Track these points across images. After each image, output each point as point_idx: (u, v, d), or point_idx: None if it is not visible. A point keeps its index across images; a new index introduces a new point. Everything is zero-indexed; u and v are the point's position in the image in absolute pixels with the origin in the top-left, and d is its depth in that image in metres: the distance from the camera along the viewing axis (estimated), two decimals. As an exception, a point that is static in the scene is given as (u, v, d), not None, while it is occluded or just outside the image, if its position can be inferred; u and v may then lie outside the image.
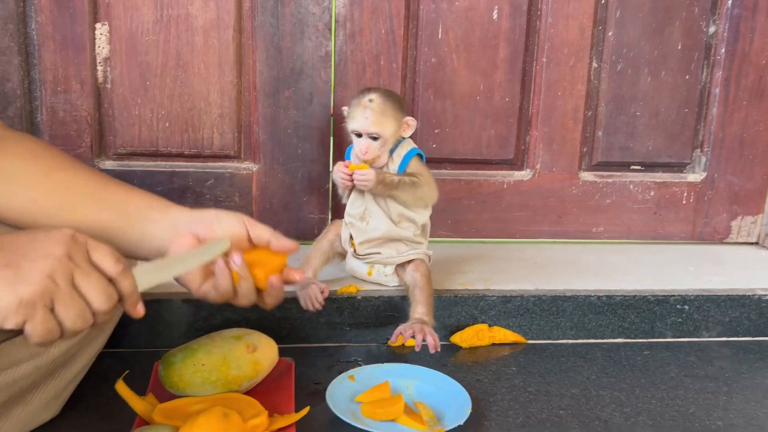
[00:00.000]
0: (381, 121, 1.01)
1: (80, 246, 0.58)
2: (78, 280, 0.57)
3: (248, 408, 0.79)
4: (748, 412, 0.92)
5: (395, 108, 1.03)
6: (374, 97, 1.02)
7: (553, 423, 0.86)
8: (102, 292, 0.58)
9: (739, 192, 1.47)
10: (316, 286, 1.03)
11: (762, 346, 1.14)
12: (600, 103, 1.39)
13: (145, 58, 1.23)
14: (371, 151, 1.02)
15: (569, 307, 1.12)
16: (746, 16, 1.38)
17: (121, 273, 0.59)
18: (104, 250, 0.59)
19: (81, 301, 0.57)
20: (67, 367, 0.80)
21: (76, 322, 0.57)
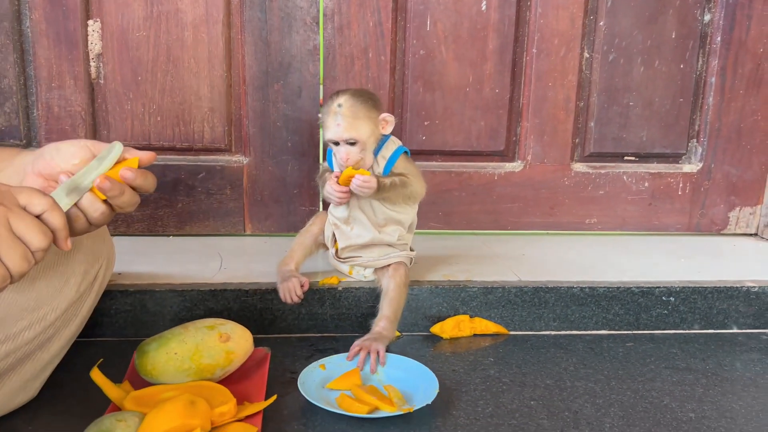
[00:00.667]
0: (354, 125, 0.97)
1: (6, 192, 0.62)
2: (14, 224, 0.61)
3: (217, 396, 0.81)
4: (723, 404, 0.91)
5: (368, 107, 0.98)
6: (343, 101, 0.97)
7: (522, 413, 0.87)
8: (38, 231, 0.62)
9: (737, 182, 1.45)
10: (296, 279, 1.04)
11: (749, 339, 1.13)
12: (592, 93, 1.38)
13: (136, 54, 1.26)
14: (352, 157, 0.99)
15: (551, 299, 1.12)
16: (743, 3, 1.36)
17: (49, 207, 0.64)
18: (28, 191, 0.64)
19: (21, 244, 0.61)
20: (43, 350, 0.82)
21: (22, 264, 0.61)
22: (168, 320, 1.05)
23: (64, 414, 0.83)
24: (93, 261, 0.90)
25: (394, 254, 1.07)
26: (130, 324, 1.05)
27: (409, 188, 1.05)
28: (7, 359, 0.78)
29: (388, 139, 1.05)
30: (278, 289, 1.03)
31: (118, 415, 0.74)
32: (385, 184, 1.01)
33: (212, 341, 0.86)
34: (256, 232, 1.37)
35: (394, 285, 1.03)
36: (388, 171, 1.04)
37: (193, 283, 1.08)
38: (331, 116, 0.98)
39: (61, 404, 0.85)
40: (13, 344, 0.78)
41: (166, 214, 1.33)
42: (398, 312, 1.03)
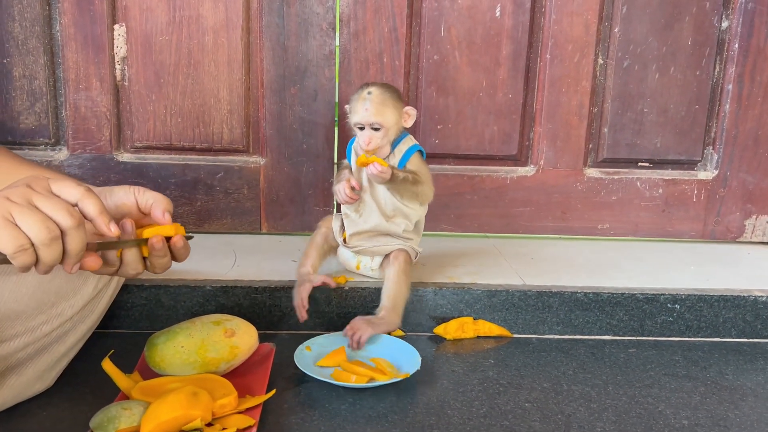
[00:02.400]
0: (381, 111, 1.03)
1: (40, 180, 0.63)
2: (36, 201, 0.60)
3: (220, 388, 0.85)
4: (718, 413, 0.92)
5: (394, 98, 1.05)
6: (373, 89, 1.04)
7: (515, 415, 0.89)
8: (61, 209, 0.60)
9: (754, 190, 1.44)
10: (309, 284, 1.07)
11: (754, 348, 1.13)
12: (606, 99, 1.39)
13: (159, 57, 1.31)
14: (374, 141, 1.05)
15: (555, 303, 1.13)
16: (761, 10, 1.35)
17: (82, 195, 0.62)
18: (63, 180, 0.63)
19: (39, 212, 0.60)
20: (61, 343, 0.88)
21: (41, 231, 0.59)
22: (181, 314, 1.10)
23: (77, 401, 0.87)
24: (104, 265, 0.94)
25: (400, 243, 1.10)
26: (144, 317, 1.10)
27: (419, 187, 1.09)
28: (25, 350, 0.83)
29: (406, 135, 1.10)
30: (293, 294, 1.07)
31: (125, 404, 0.79)
32: (398, 176, 1.05)
33: (218, 336, 0.90)
34: (272, 231, 1.41)
35: (392, 272, 1.07)
36: (402, 164, 1.08)
37: (205, 279, 1.12)
38: (361, 102, 1.04)
39: (74, 392, 0.90)
40: (31, 336, 0.83)
41: (186, 212, 1.38)
42: (398, 299, 1.06)
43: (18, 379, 0.83)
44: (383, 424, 0.85)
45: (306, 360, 0.97)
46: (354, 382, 0.92)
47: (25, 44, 1.27)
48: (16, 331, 0.82)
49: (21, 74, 1.29)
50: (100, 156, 1.33)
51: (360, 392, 0.92)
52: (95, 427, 0.76)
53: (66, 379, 0.91)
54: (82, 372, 0.94)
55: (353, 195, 1.07)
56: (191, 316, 1.03)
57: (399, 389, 0.94)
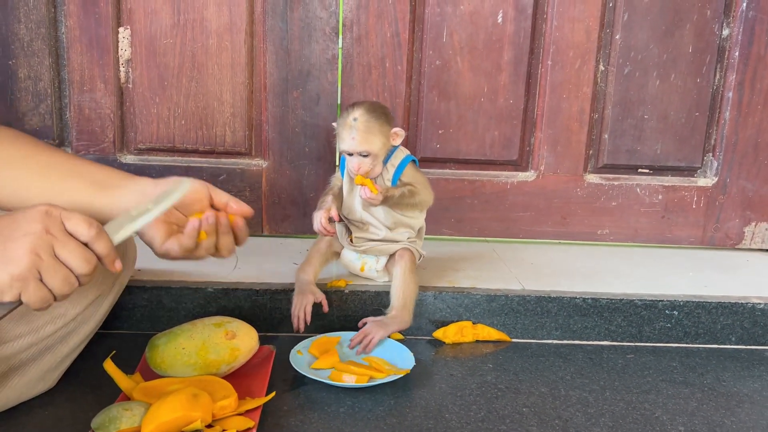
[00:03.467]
0: (368, 139, 1.03)
1: (55, 219, 0.66)
2: (58, 251, 0.65)
3: (220, 390, 0.86)
4: (715, 419, 0.92)
5: (381, 122, 1.04)
6: (358, 115, 1.03)
7: (513, 419, 0.90)
8: (81, 258, 0.65)
9: (753, 197, 1.45)
10: (311, 296, 1.06)
11: (752, 355, 1.14)
12: (606, 105, 1.40)
13: (163, 60, 1.31)
14: (364, 167, 1.04)
15: (554, 308, 1.14)
16: (762, 18, 1.36)
17: (94, 236, 0.66)
18: (77, 218, 0.66)
19: (64, 268, 0.65)
20: (63, 343, 0.88)
21: (63, 287, 0.65)
22: (182, 316, 1.10)
23: (78, 401, 0.88)
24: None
25: (404, 243, 1.11)
26: (146, 318, 1.11)
27: (417, 197, 1.10)
28: (29, 350, 0.84)
29: (397, 148, 1.10)
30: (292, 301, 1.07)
31: (126, 405, 0.80)
32: (393, 196, 1.06)
33: (218, 338, 0.91)
34: (273, 233, 1.42)
35: (400, 271, 1.08)
36: (396, 178, 1.09)
37: (207, 281, 1.13)
38: (347, 129, 1.03)
39: (76, 391, 0.91)
40: (35, 337, 0.84)
41: (188, 214, 1.38)
42: (408, 298, 1.07)
43: (21, 380, 0.84)
44: (381, 426, 0.86)
45: (301, 362, 0.98)
46: (354, 382, 0.93)
47: (30, 46, 1.29)
48: (19, 331, 0.83)
49: (26, 75, 1.30)
50: (104, 157, 1.34)
51: (358, 393, 0.93)
52: (96, 427, 0.77)
53: (68, 379, 0.92)
54: (84, 372, 0.95)
55: (329, 228, 1.06)
56: (192, 318, 1.03)
57: (397, 392, 0.94)
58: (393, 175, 1.09)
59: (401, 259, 1.10)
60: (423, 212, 1.15)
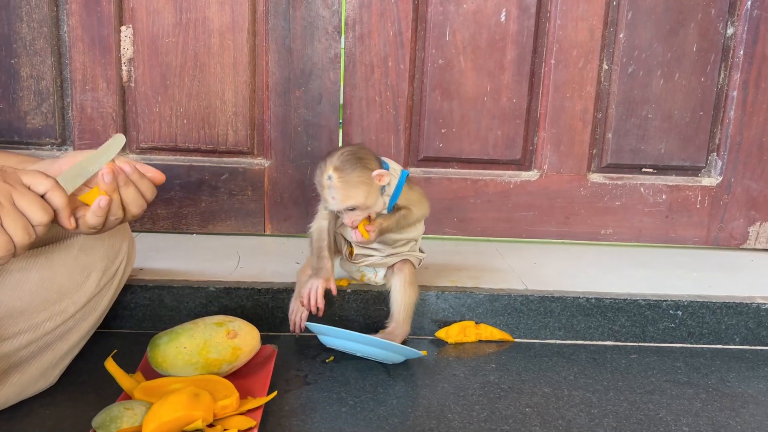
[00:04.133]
0: (348, 195, 0.95)
1: (11, 173, 0.69)
2: (16, 199, 0.68)
3: (222, 389, 0.85)
4: (719, 420, 0.92)
5: (357, 173, 0.95)
6: (332, 173, 0.94)
7: (516, 420, 0.89)
8: (39, 207, 0.68)
9: (758, 197, 1.44)
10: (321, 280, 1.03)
11: (757, 356, 1.13)
12: (610, 105, 1.39)
13: (165, 59, 1.31)
14: (357, 220, 0.98)
15: (557, 308, 1.14)
16: (766, 17, 1.35)
17: (51, 187, 0.70)
18: (32, 173, 0.70)
19: (23, 217, 0.68)
20: (63, 341, 0.88)
21: (24, 235, 0.67)
22: (184, 315, 1.10)
23: (79, 400, 0.88)
24: (114, 257, 0.95)
25: (405, 253, 1.09)
26: (148, 317, 1.10)
27: (412, 217, 1.04)
28: (28, 348, 0.84)
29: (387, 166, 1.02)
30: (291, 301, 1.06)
31: (127, 404, 0.79)
32: (387, 228, 1.01)
33: (220, 337, 0.91)
34: (276, 233, 1.41)
35: (398, 284, 1.06)
36: (393, 203, 1.03)
37: (209, 280, 1.12)
38: (325, 190, 0.96)
39: (77, 391, 0.90)
40: (34, 334, 0.84)
41: (190, 213, 1.38)
42: (407, 310, 1.06)
43: (21, 377, 0.84)
44: (384, 426, 0.85)
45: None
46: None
47: (32, 45, 1.28)
48: (19, 328, 0.82)
49: (28, 74, 1.30)
50: (106, 156, 1.34)
51: (360, 395, 0.92)
52: (97, 426, 0.77)
53: (69, 378, 0.92)
54: (85, 371, 0.94)
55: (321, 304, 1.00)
56: (194, 317, 1.03)
57: (399, 392, 0.94)
58: (389, 203, 1.03)
59: (400, 272, 1.07)
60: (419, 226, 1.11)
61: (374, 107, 1.36)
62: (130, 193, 0.77)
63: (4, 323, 0.81)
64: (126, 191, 0.77)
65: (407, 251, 1.10)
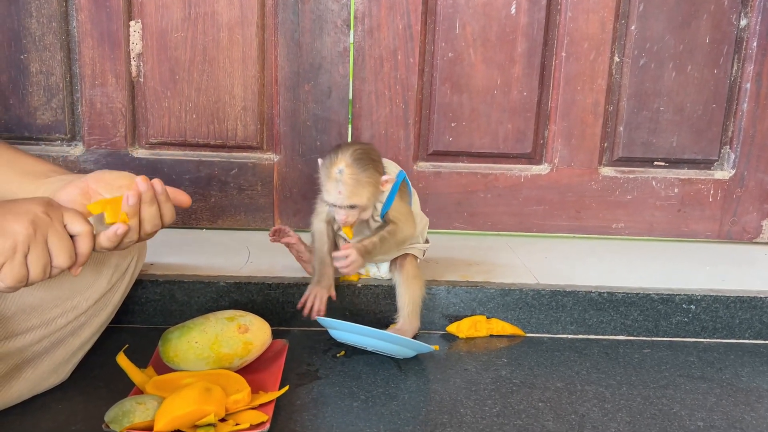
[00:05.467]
0: (356, 193, 0.93)
1: (55, 207, 0.69)
2: (50, 237, 0.67)
3: (233, 384, 0.85)
4: (734, 414, 0.91)
5: (368, 174, 0.93)
6: (344, 167, 0.92)
7: (528, 414, 0.89)
8: (66, 253, 0.68)
9: (771, 191, 1.43)
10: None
11: (771, 350, 1.12)
12: (621, 98, 1.38)
13: (174, 54, 1.31)
14: (351, 219, 0.96)
15: (569, 303, 1.13)
16: (780, 8, 1.33)
17: (84, 234, 0.69)
18: (74, 213, 0.70)
19: (48, 256, 0.67)
20: (75, 336, 0.88)
21: (40, 274, 0.67)
22: (195, 310, 1.10)
23: (91, 395, 0.88)
24: (125, 254, 0.95)
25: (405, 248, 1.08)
26: (158, 312, 1.10)
27: (399, 235, 1.01)
28: (41, 343, 0.84)
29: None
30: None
31: (139, 398, 0.79)
32: (372, 248, 0.97)
33: (231, 332, 0.91)
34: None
35: (400, 280, 1.06)
36: (384, 213, 1.01)
37: (219, 275, 1.12)
38: (332, 182, 0.93)
39: (89, 386, 0.90)
40: (47, 329, 0.84)
41: (200, 208, 1.38)
42: (413, 304, 1.04)
43: (34, 372, 0.84)
44: (395, 421, 0.85)
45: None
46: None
47: (42, 40, 1.28)
48: (31, 324, 0.83)
49: (38, 70, 1.30)
50: (116, 152, 1.34)
51: (372, 390, 0.92)
52: (110, 421, 0.77)
53: (81, 373, 0.92)
54: (97, 366, 0.94)
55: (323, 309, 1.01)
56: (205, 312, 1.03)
57: (411, 387, 0.94)
58: (381, 211, 1.00)
59: (401, 267, 1.06)
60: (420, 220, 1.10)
61: (384, 101, 1.35)
62: (152, 212, 0.75)
63: (17, 319, 0.81)
64: (148, 210, 0.74)
65: (407, 245, 1.08)
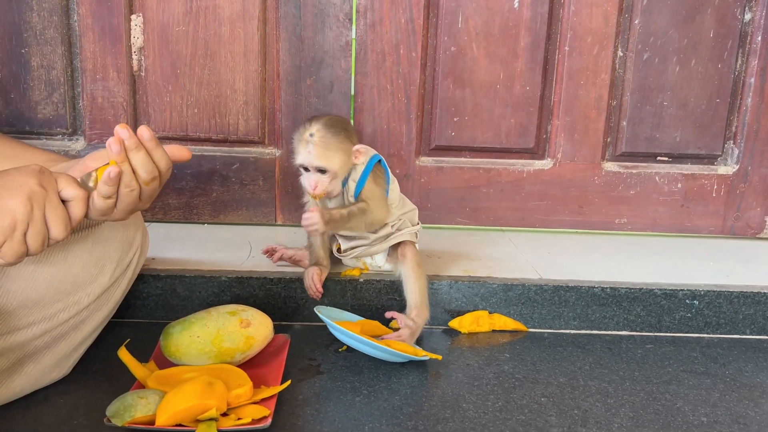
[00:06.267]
0: (326, 155, 0.96)
1: (48, 175, 0.69)
2: (47, 209, 0.68)
3: (235, 378, 0.85)
4: (738, 410, 0.90)
5: (340, 139, 0.97)
6: (315, 131, 0.96)
7: (531, 409, 0.88)
8: (63, 223, 0.69)
9: (775, 186, 1.42)
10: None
11: (774, 346, 1.11)
12: (625, 92, 1.37)
13: (175, 48, 1.30)
14: (321, 186, 0.98)
15: (572, 298, 1.12)
16: (785, 2, 1.33)
17: (78, 198, 0.70)
18: (67, 179, 0.70)
19: (46, 230, 0.68)
20: (77, 331, 0.88)
21: (38, 248, 0.68)
22: (196, 304, 1.10)
23: (93, 389, 0.88)
24: (128, 249, 0.95)
25: (395, 235, 1.07)
26: (160, 307, 1.10)
27: (369, 216, 1.02)
28: (43, 338, 0.84)
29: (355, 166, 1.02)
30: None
31: (141, 393, 0.79)
32: (339, 217, 0.98)
33: (233, 326, 0.90)
34: (287, 223, 1.41)
35: (406, 271, 1.05)
36: (358, 193, 1.02)
37: (221, 270, 1.12)
38: (303, 144, 0.96)
39: (91, 380, 0.90)
40: (49, 324, 0.84)
41: (201, 203, 1.38)
42: (422, 294, 1.04)
43: (35, 367, 0.83)
44: (398, 416, 0.85)
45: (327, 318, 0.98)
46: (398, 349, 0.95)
47: (42, 34, 1.28)
48: (33, 318, 0.82)
49: (39, 64, 1.29)
50: (117, 146, 1.33)
51: (374, 384, 0.92)
52: (111, 415, 0.77)
53: (82, 367, 0.92)
54: (99, 361, 0.94)
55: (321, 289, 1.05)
56: (206, 307, 1.03)
57: (413, 382, 0.93)
58: (355, 190, 1.02)
59: (404, 257, 1.06)
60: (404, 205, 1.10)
61: (386, 96, 1.35)
62: (140, 157, 0.72)
63: (19, 313, 0.81)
64: (135, 156, 0.72)
65: (395, 233, 1.07)
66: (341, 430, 0.81)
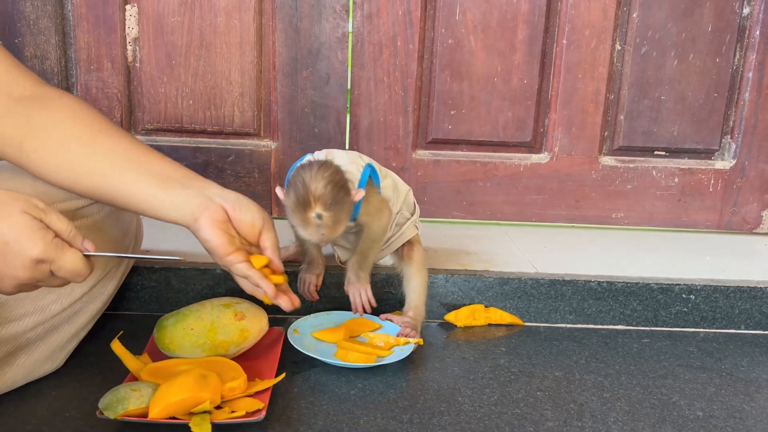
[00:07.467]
0: (336, 229, 0.87)
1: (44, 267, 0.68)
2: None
3: (229, 371, 0.84)
4: (733, 404, 0.90)
5: (345, 203, 0.87)
6: (322, 212, 0.84)
7: (527, 403, 0.88)
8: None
9: (772, 181, 1.42)
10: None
11: (770, 340, 1.11)
12: (623, 86, 1.37)
13: (170, 38, 1.29)
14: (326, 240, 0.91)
15: (568, 292, 1.12)
16: (784, -4, 1.32)
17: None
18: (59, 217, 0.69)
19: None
20: (70, 323, 0.87)
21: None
22: (191, 297, 1.09)
23: (86, 382, 0.87)
24: (122, 240, 0.94)
25: (396, 237, 1.06)
26: (154, 299, 1.09)
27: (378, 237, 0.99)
28: (35, 330, 0.83)
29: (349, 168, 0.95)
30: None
31: (134, 385, 0.78)
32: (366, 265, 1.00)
33: (227, 319, 0.90)
34: (283, 216, 1.40)
35: (412, 271, 1.04)
36: (356, 215, 0.96)
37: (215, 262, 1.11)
38: (312, 227, 0.86)
39: (84, 373, 0.89)
40: (41, 316, 0.83)
41: (196, 195, 1.37)
42: (423, 294, 1.04)
43: (28, 359, 0.83)
44: (393, 409, 0.84)
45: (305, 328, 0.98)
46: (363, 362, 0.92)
47: (36, 24, 1.27)
48: (25, 310, 0.81)
49: (32, 54, 1.28)
50: (111, 138, 1.32)
51: (369, 375, 0.91)
52: (104, 407, 0.76)
53: (76, 360, 0.91)
54: (92, 353, 0.93)
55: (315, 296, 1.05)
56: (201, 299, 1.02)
57: (408, 375, 0.93)
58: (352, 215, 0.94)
59: (410, 259, 1.05)
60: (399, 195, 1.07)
61: (382, 88, 1.34)
62: None
63: (11, 305, 0.80)
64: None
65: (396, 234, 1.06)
66: (336, 423, 0.81)
